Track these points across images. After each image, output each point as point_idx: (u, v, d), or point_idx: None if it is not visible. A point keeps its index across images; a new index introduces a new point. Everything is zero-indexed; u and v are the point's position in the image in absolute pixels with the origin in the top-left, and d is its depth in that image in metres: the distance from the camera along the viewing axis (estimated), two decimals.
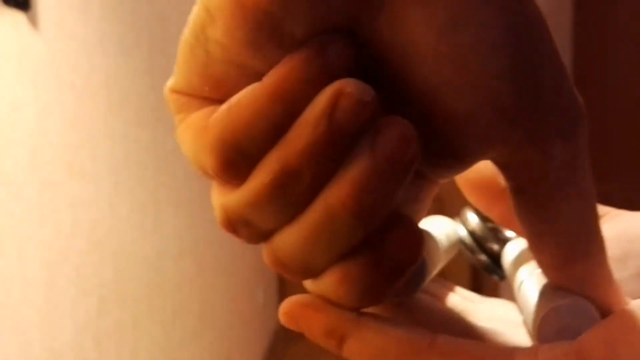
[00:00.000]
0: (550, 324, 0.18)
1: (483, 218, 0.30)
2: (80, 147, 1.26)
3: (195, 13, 0.16)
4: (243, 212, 0.17)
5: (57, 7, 1.19)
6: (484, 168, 0.25)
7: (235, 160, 0.16)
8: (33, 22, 1.11)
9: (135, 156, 1.50)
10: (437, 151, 0.18)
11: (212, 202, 0.18)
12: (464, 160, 0.18)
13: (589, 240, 0.18)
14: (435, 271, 0.25)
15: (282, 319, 0.19)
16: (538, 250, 0.19)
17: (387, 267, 0.17)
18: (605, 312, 0.19)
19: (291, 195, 0.16)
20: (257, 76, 0.16)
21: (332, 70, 0.16)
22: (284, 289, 3.00)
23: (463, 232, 0.30)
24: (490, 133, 0.17)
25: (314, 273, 0.18)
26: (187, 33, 0.17)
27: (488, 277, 0.30)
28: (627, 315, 0.17)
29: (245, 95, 0.16)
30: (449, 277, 0.28)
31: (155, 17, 1.63)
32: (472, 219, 0.30)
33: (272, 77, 0.16)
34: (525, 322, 0.21)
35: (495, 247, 0.29)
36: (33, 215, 1.10)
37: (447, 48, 0.15)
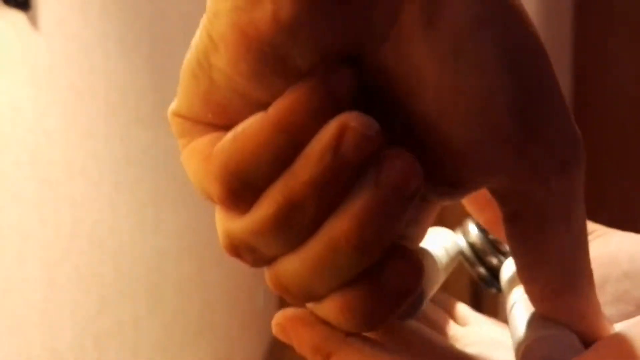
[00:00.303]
0: (533, 354, 0.18)
1: (484, 230, 0.30)
2: (80, 147, 1.26)
3: (198, 38, 0.16)
4: (247, 239, 0.17)
5: (57, 7, 1.19)
6: None
7: (239, 189, 0.16)
8: (33, 22, 1.11)
9: (135, 156, 1.50)
10: (438, 179, 0.18)
11: (216, 225, 0.18)
12: (464, 188, 0.18)
13: (578, 274, 0.19)
14: (433, 291, 0.25)
15: (274, 329, 0.20)
16: (527, 280, 0.19)
17: (387, 297, 0.17)
18: (591, 343, 0.19)
19: (295, 226, 0.16)
20: (261, 105, 0.16)
21: (336, 102, 0.16)
22: None
23: (463, 244, 0.30)
24: (491, 164, 0.17)
25: (315, 298, 0.18)
26: (190, 58, 0.17)
27: (487, 289, 0.30)
28: (606, 347, 0.17)
29: (250, 126, 0.16)
30: (449, 287, 0.28)
31: (156, 17, 1.63)
32: (473, 230, 0.30)
33: (277, 108, 0.16)
34: (513, 348, 0.21)
35: (495, 260, 0.29)
36: (33, 215, 1.10)
37: (449, 79, 0.15)
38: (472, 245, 0.30)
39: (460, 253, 0.30)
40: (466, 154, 0.16)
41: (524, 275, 0.19)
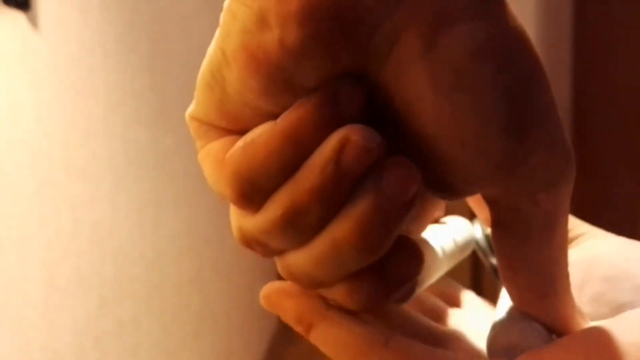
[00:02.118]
0: (499, 341, 0.20)
1: None
2: (80, 147, 1.26)
3: (212, 50, 0.18)
4: (257, 236, 0.19)
5: (57, 7, 1.19)
6: None
7: (249, 193, 0.18)
8: (33, 22, 1.11)
9: (135, 156, 1.50)
10: (433, 186, 0.19)
11: (230, 220, 0.20)
12: (458, 194, 0.19)
13: (556, 279, 0.20)
14: (432, 279, 0.26)
15: (262, 301, 0.22)
16: (508, 281, 0.21)
17: (388, 285, 0.19)
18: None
19: (300, 227, 0.18)
20: (271, 115, 0.18)
21: (341, 115, 0.17)
22: None
23: (479, 234, 0.31)
24: (482, 179, 0.18)
25: (323, 286, 0.20)
26: (205, 68, 0.18)
27: (487, 275, 0.31)
28: (569, 341, 0.18)
29: (260, 136, 0.18)
30: (451, 273, 0.29)
31: (155, 17, 1.63)
32: None
33: (285, 121, 0.17)
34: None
35: None
36: (33, 215, 1.10)
37: (448, 105, 0.16)
38: (487, 237, 0.31)
39: (476, 243, 0.31)
40: (459, 168, 0.17)
41: (506, 277, 0.20)
